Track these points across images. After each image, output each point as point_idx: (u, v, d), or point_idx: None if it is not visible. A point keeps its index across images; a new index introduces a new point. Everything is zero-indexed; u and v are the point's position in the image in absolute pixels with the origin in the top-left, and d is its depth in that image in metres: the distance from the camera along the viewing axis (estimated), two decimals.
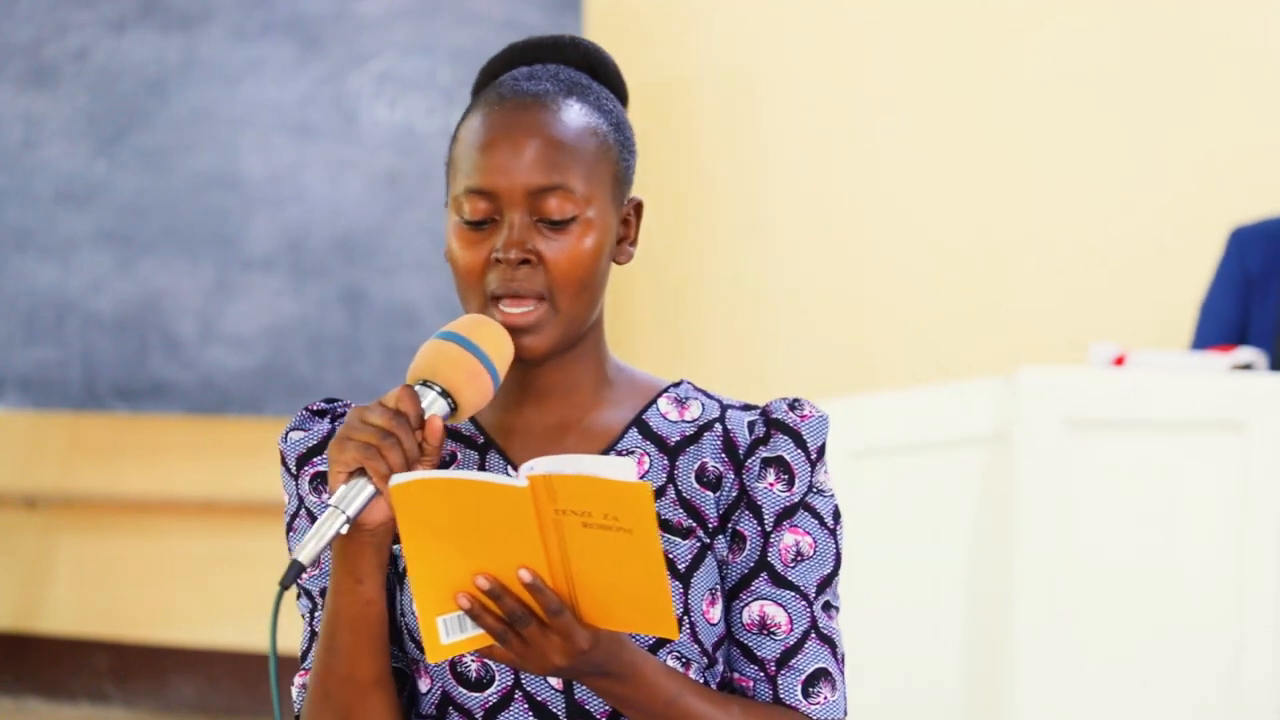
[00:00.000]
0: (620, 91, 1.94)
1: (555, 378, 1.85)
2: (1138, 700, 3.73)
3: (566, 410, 1.87)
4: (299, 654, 1.90)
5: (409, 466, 1.71)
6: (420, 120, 5.82)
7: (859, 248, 5.69)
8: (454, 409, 1.75)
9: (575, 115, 1.84)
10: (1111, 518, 3.75)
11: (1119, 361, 4.08)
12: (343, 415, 1.92)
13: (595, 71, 1.92)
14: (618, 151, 1.87)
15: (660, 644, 1.79)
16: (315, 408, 1.94)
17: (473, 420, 1.88)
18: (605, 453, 1.85)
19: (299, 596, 1.91)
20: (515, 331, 1.80)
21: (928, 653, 3.85)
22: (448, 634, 1.68)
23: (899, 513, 3.89)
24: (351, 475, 1.71)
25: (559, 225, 1.81)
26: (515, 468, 1.84)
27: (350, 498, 1.70)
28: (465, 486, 1.64)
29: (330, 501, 1.71)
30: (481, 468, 1.86)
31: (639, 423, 1.87)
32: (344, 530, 1.70)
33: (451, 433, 1.88)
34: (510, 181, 1.80)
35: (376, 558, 1.76)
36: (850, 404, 3.92)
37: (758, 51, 5.77)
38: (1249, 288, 4.60)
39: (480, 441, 1.88)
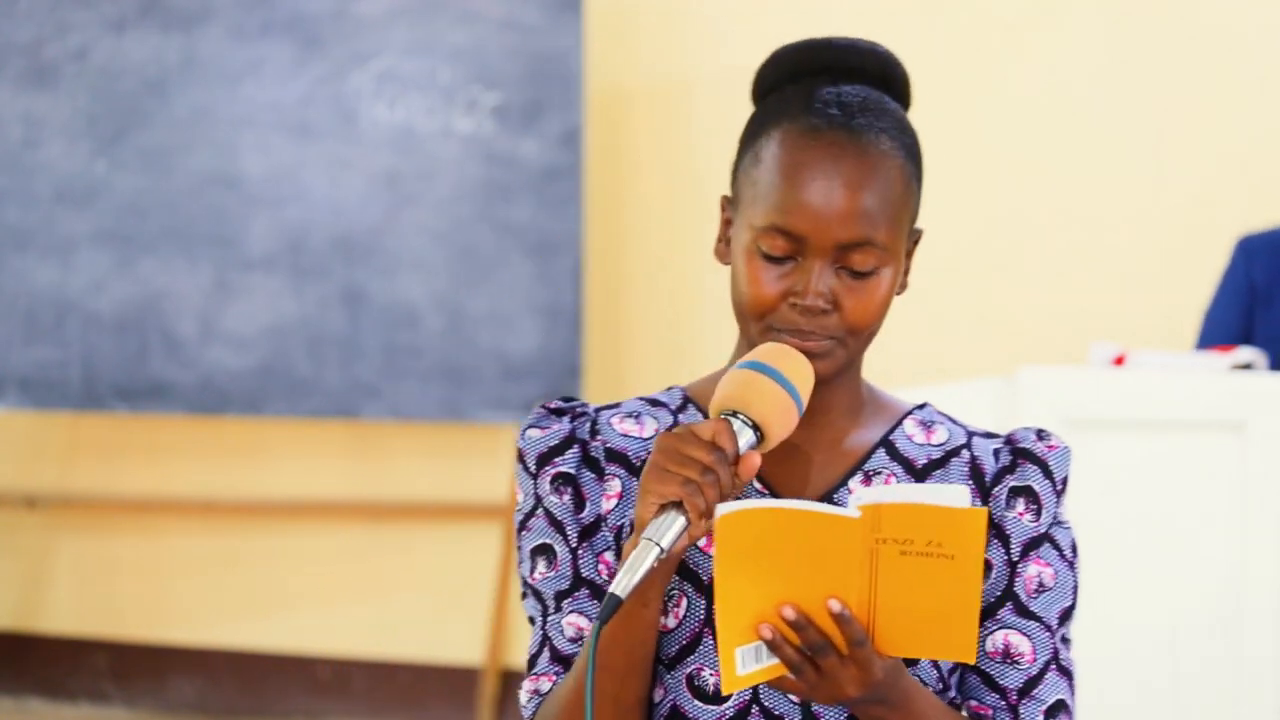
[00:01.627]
0: (907, 102, 1.89)
1: (814, 399, 1.81)
2: (1138, 700, 3.73)
3: (820, 430, 1.85)
4: (527, 658, 1.87)
5: (723, 500, 1.69)
6: (420, 120, 5.81)
7: None
8: (760, 440, 1.73)
9: (886, 159, 1.79)
10: (1111, 518, 3.75)
11: (1119, 361, 4.08)
12: (582, 416, 1.89)
13: (889, 84, 1.87)
14: (916, 190, 1.84)
15: (907, 665, 1.78)
16: (553, 406, 1.90)
17: None
18: (853, 472, 1.84)
19: (524, 596, 1.88)
20: (809, 354, 1.78)
21: None
22: (744, 665, 1.67)
23: None
24: (665, 507, 1.68)
25: (861, 275, 1.78)
26: (764, 481, 1.83)
27: (664, 530, 1.68)
28: (796, 517, 1.64)
29: (645, 535, 1.67)
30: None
31: (886, 444, 1.86)
32: (656, 565, 1.68)
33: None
34: (820, 230, 1.76)
35: (664, 584, 1.75)
36: None
37: (757, 51, 5.75)
38: (1254, 298, 4.60)
39: None
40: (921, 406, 1.90)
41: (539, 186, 5.78)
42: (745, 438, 1.72)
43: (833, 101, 1.82)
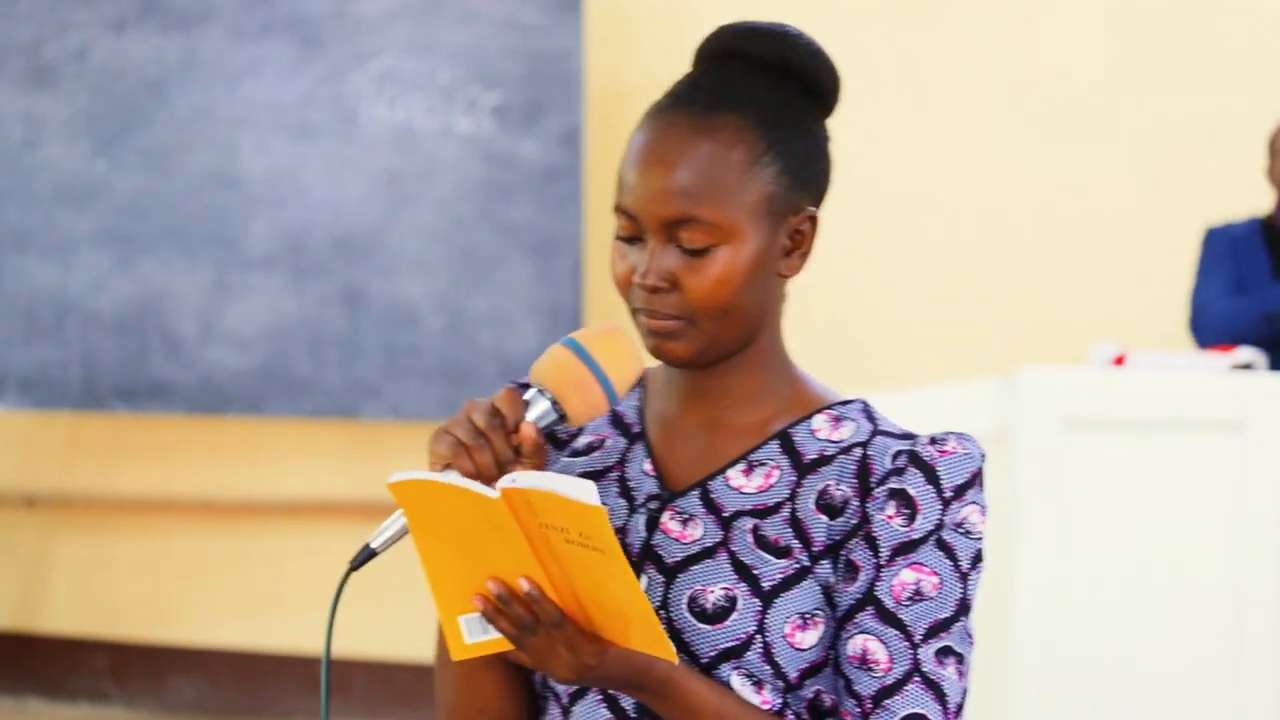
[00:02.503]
0: (818, 92, 1.86)
1: (711, 381, 1.83)
2: (1138, 700, 3.73)
3: (717, 413, 1.85)
4: None
5: (500, 469, 1.70)
6: (420, 120, 5.81)
7: (859, 248, 5.69)
8: (563, 417, 1.75)
9: (723, 137, 1.79)
10: (1111, 517, 3.75)
11: (1119, 361, 4.08)
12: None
13: (789, 69, 1.86)
14: (776, 168, 1.81)
15: (724, 659, 1.77)
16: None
17: (639, 411, 1.88)
18: (738, 460, 1.83)
19: None
20: (659, 336, 1.79)
21: None
22: (470, 635, 1.69)
23: None
24: (444, 468, 1.71)
25: (695, 254, 1.78)
26: (651, 460, 1.85)
27: None
28: (447, 491, 1.64)
29: None
30: (625, 456, 1.86)
31: (783, 435, 1.84)
32: None
33: (615, 419, 1.89)
34: (644, 209, 1.79)
35: None
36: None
37: None
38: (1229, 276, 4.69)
39: (635, 431, 1.88)
40: (848, 402, 1.87)
41: (539, 186, 5.78)
42: (539, 408, 1.74)
43: (689, 84, 1.84)
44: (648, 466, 1.85)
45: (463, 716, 1.85)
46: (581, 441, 1.90)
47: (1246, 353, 4.11)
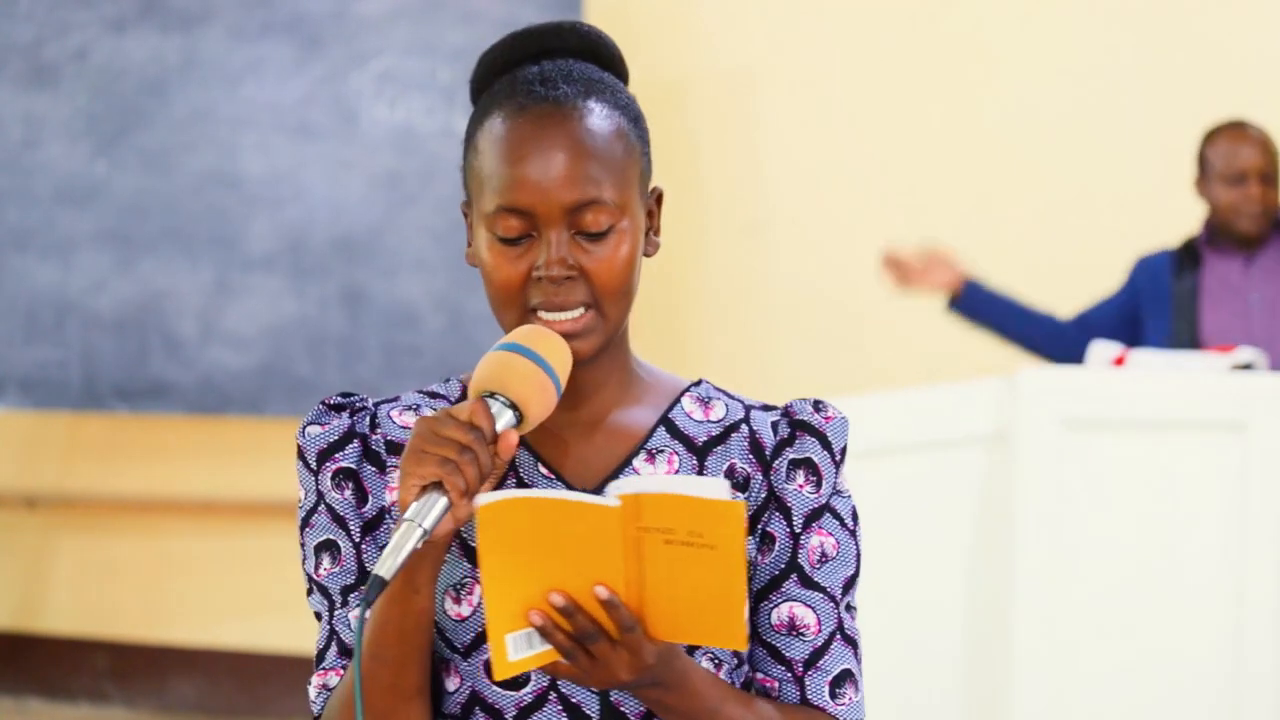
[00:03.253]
0: (623, 74, 1.91)
1: (585, 377, 1.83)
2: (1138, 699, 3.73)
3: (595, 410, 1.86)
4: (315, 654, 1.87)
5: (483, 481, 1.70)
6: (420, 120, 5.81)
7: (858, 248, 5.69)
8: (520, 420, 1.74)
9: (600, 120, 1.82)
10: (1111, 518, 3.75)
11: (1119, 361, 4.08)
12: (362, 410, 1.90)
13: (598, 57, 1.90)
14: (640, 148, 1.85)
15: (693, 648, 1.79)
16: (332, 402, 1.91)
17: None
18: (636, 452, 1.84)
19: (310, 592, 1.87)
20: (569, 337, 1.79)
21: (928, 652, 3.85)
22: (515, 651, 1.68)
23: (899, 513, 3.89)
24: (427, 489, 1.68)
25: (597, 236, 1.79)
26: (544, 463, 1.84)
27: (426, 511, 1.67)
28: (556, 506, 1.64)
29: (406, 516, 1.67)
30: (513, 464, 1.84)
31: (666, 421, 1.86)
32: (420, 545, 1.67)
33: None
34: (545, 199, 1.79)
35: (434, 569, 1.74)
36: (850, 404, 3.92)
37: (756, 51, 5.76)
38: (1137, 309, 4.78)
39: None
40: (698, 383, 1.90)
41: None
42: (504, 418, 1.73)
43: (535, 79, 1.85)
44: (544, 470, 1.84)
45: None
46: None
47: (1246, 353, 4.11)
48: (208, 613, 6.19)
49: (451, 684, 1.83)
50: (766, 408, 1.87)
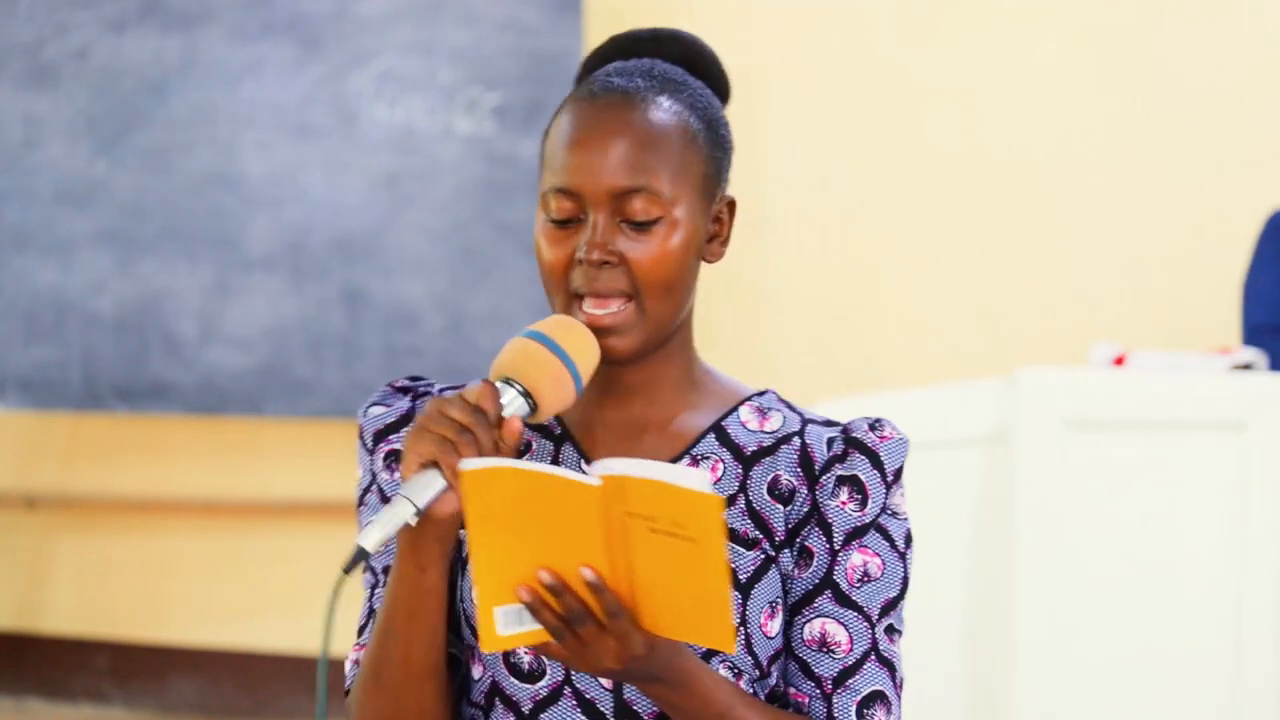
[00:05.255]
0: (720, 87, 1.91)
1: (638, 376, 1.84)
2: (1138, 700, 3.73)
3: (647, 410, 1.85)
4: (356, 628, 1.90)
5: None
6: (420, 120, 5.81)
7: (858, 248, 5.69)
8: (534, 409, 1.74)
9: (664, 113, 1.82)
10: (1111, 518, 3.75)
11: (1119, 361, 4.08)
12: (426, 394, 1.91)
13: (694, 67, 1.90)
14: (708, 149, 1.84)
15: (712, 652, 1.78)
16: (399, 384, 1.92)
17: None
18: (681, 456, 1.84)
19: (363, 570, 1.89)
20: (600, 332, 1.79)
21: (928, 652, 3.85)
22: (505, 626, 1.67)
23: None
24: (425, 466, 1.69)
25: (643, 226, 1.79)
26: (589, 462, 1.83)
27: (420, 489, 1.68)
28: (538, 479, 1.63)
29: (400, 491, 1.68)
30: (555, 460, 1.85)
31: (718, 429, 1.85)
32: (412, 522, 1.68)
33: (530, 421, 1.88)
34: (594, 182, 1.79)
35: (440, 547, 1.74)
36: (850, 404, 3.92)
37: (757, 51, 5.76)
38: None
39: (557, 433, 1.87)
40: (763, 393, 1.89)
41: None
42: (515, 404, 1.73)
43: (614, 72, 1.87)
44: (585, 466, 1.84)
45: None
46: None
47: (1246, 353, 4.11)
48: (208, 613, 6.19)
49: (476, 672, 1.84)
50: (828, 423, 1.86)
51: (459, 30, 5.80)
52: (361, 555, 1.68)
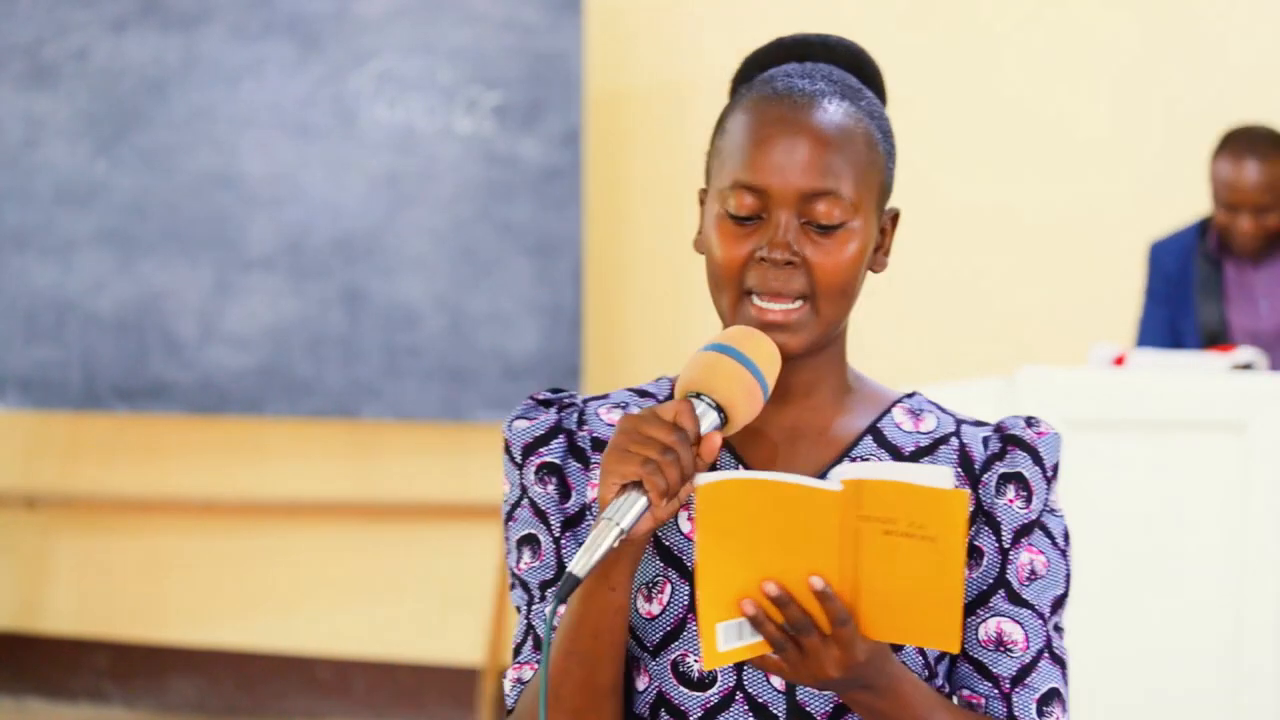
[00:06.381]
0: (882, 96, 1.90)
1: (797, 380, 1.82)
2: (1138, 700, 3.72)
3: (804, 414, 1.84)
4: (513, 647, 1.87)
5: (685, 483, 1.68)
6: (420, 120, 5.81)
7: None
8: (724, 423, 1.72)
9: (850, 119, 1.81)
10: (1111, 518, 3.75)
11: (1119, 361, 4.08)
12: (569, 407, 1.89)
13: (861, 74, 1.89)
14: (885, 159, 1.83)
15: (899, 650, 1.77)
16: (540, 397, 1.89)
17: None
18: (839, 459, 1.83)
19: (512, 587, 1.87)
20: (771, 328, 1.77)
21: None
22: (726, 641, 1.66)
23: None
24: (625, 488, 1.67)
25: (827, 230, 1.78)
26: (746, 466, 1.82)
27: (624, 511, 1.67)
28: (777, 489, 1.62)
29: (604, 515, 1.66)
30: (715, 464, 1.82)
31: (874, 430, 1.85)
32: (617, 544, 1.67)
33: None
34: (783, 181, 1.78)
35: (631, 567, 1.73)
36: None
37: None
38: (1170, 291, 4.71)
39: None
40: (910, 395, 1.89)
41: (539, 186, 5.78)
42: (709, 419, 1.71)
43: (795, 73, 1.85)
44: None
45: None
46: None
47: (1246, 353, 4.11)
48: (207, 612, 6.19)
49: (641, 683, 1.82)
50: (978, 423, 1.86)
51: (459, 30, 5.80)
52: (574, 582, 1.66)
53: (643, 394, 1.91)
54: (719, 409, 1.71)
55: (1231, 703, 3.69)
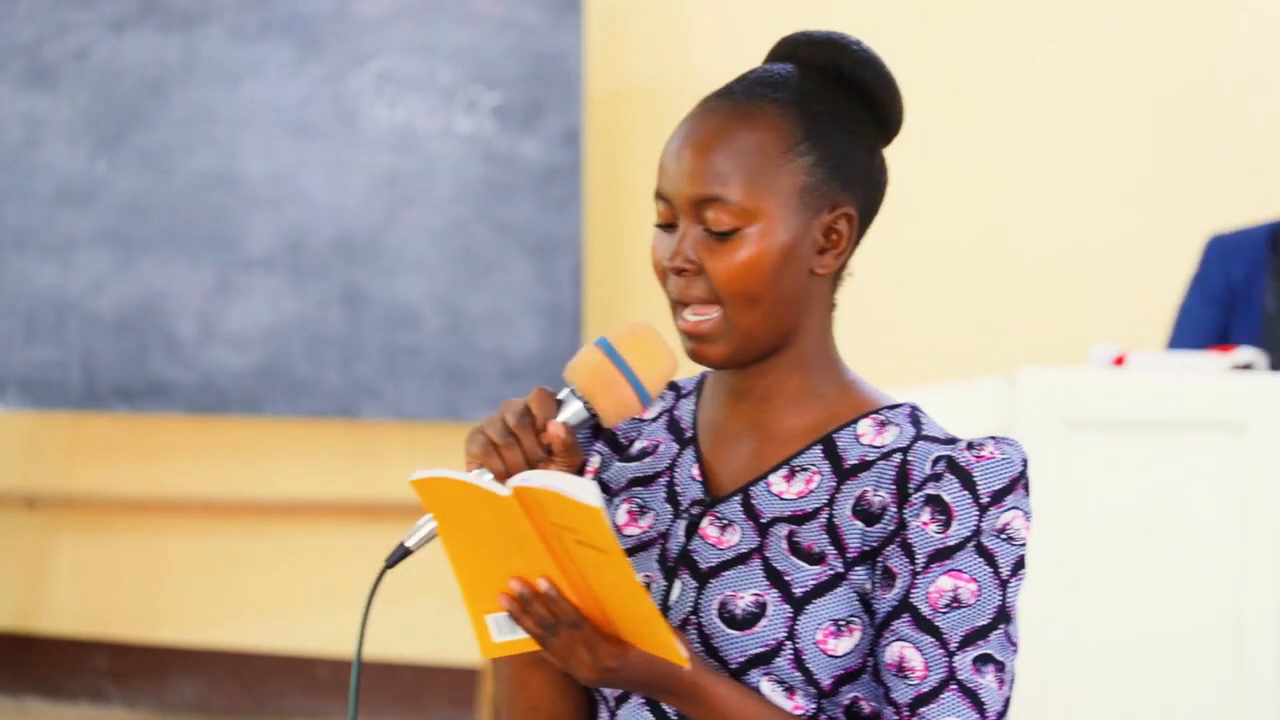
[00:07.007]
0: (871, 99, 1.86)
1: (750, 383, 1.83)
2: (1138, 699, 3.73)
3: (760, 415, 1.84)
4: None
5: (530, 467, 1.71)
6: (420, 120, 5.81)
7: (858, 248, 5.69)
8: (595, 416, 1.76)
9: (757, 123, 1.80)
10: (1111, 518, 3.75)
11: (1119, 361, 4.08)
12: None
13: (842, 73, 1.87)
14: (810, 160, 1.80)
15: (752, 665, 1.75)
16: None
17: (693, 417, 1.88)
18: (781, 465, 1.82)
19: None
20: (694, 338, 1.79)
21: None
22: (499, 633, 1.69)
23: None
24: (479, 468, 1.73)
25: (721, 236, 1.78)
26: (700, 465, 1.84)
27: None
28: (464, 489, 1.64)
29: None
30: (675, 462, 1.85)
31: (826, 440, 1.82)
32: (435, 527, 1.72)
33: (671, 424, 1.89)
34: (675, 189, 1.80)
35: None
36: None
37: (755, 52, 5.76)
38: (1232, 297, 4.62)
39: (688, 436, 1.88)
40: (896, 406, 1.86)
41: (539, 186, 5.78)
42: (572, 408, 1.75)
43: (741, 78, 1.86)
44: (695, 472, 1.84)
45: (517, 714, 1.84)
46: (637, 447, 1.89)
47: (1246, 353, 4.11)
48: (207, 613, 6.19)
49: None
50: (949, 441, 1.81)
51: (459, 30, 5.80)
52: (403, 552, 1.74)
53: (672, 385, 1.93)
54: (586, 401, 1.76)
55: (1231, 702, 3.69)
